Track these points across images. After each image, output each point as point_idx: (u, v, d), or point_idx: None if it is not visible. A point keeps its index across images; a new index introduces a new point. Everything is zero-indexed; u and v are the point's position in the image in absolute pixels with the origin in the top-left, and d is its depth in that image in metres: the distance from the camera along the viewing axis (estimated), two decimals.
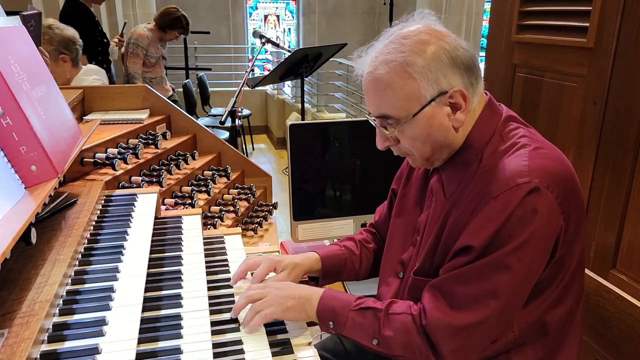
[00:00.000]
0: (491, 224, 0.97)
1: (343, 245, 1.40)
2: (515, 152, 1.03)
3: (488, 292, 0.99)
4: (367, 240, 1.44)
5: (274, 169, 6.02)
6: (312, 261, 1.34)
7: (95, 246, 1.20)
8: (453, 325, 1.00)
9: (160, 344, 0.97)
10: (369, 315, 1.08)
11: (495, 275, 0.98)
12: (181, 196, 1.94)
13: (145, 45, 4.44)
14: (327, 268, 1.35)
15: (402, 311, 1.08)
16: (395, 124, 1.06)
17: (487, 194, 1.00)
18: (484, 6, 7.37)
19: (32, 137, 1.08)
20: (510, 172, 0.99)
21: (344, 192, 1.90)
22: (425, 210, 1.18)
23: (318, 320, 1.12)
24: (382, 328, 1.06)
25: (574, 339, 1.14)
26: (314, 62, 3.84)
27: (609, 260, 1.77)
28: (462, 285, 1.01)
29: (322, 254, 1.35)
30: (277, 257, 1.36)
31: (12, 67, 1.11)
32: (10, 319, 0.84)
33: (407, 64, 1.01)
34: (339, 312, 1.10)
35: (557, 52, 1.97)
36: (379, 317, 1.07)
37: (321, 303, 1.12)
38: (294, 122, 1.77)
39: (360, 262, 1.39)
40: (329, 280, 1.38)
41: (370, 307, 1.10)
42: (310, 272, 1.35)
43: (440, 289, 1.04)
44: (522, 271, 0.98)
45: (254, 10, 9.09)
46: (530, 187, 0.95)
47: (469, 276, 1.00)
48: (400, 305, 1.10)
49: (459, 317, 1.00)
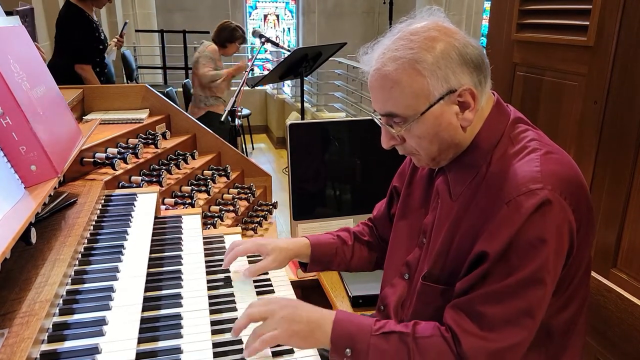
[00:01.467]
0: (505, 230, 0.94)
1: (336, 234, 1.40)
2: (526, 157, 1.00)
3: (522, 311, 0.94)
4: (362, 232, 1.43)
5: (273, 168, 6.02)
6: (301, 246, 1.33)
7: (95, 246, 1.20)
8: (489, 349, 0.94)
9: (160, 344, 0.97)
10: (394, 340, 0.98)
11: (527, 292, 0.93)
12: (181, 196, 1.94)
13: (216, 59, 4.54)
14: (317, 255, 1.34)
15: (431, 334, 0.98)
16: (402, 122, 1.03)
17: (499, 200, 0.97)
18: (484, 5, 7.38)
19: (31, 137, 1.08)
20: (522, 178, 0.96)
21: (344, 191, 1.90)
22: (431, 211, 1.16)
23: (332, 347, 1.00)
24: (413, 355, 0.96)
25: (577, 342, 1.12)
26: (314, 61, 3.84)
27: (610, 259, 1.77)
28: (492, 306, 0.95)
29: (312, 240, 1.35)
30: (262, 240, 1.34)
31: (11, 66, 1.11)
32: (10, 319, 0.84)
33: (416, 60, 0.98)
34: (357, 338, 0.99)
35: (557, 51, 1.97)
36: (407, 342, 0.98)
37: (336, 328, 1.00)
38: (293, 122, 1.77)
39: (352, 253, 1.39)
40: (317, 267, 1.38)
41: (394, 331, 0.99)
42: (298, 256, 1.34)
43: (469, 310, 0.97)
44: (551, 284, 0.96)
45: (254, 9, 9.09)
46: (544, 194, 0.93)
47: (500, 295, 0.94)
48: (427, 327, 1.00)
49: (495, 340, 0.94)
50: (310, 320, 1.01)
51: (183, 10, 8.32)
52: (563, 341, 1.09)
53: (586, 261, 1.06)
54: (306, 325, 1.00)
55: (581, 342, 1.14)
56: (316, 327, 1.01)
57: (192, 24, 8.00)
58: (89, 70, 3.67)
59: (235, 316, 1.14)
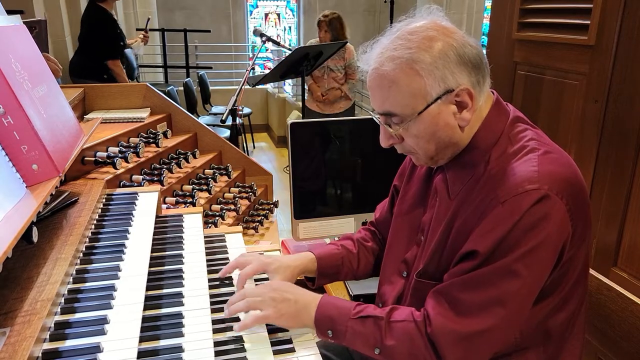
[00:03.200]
0: (498, 229, 0.95)
1: (340, 244, 1.38)
2: (524, 157, 1.01)
3: (495, 300, 0.96)
4: (366, 238, 1.42)
5: (274, 167, 6.02)
6: (307, 261, 1.31)
7: (97, 245, 1.20)
8: (459, 333, 0.97)
9: (161, 343, 0.97)
10: (370, 323, 1.05)
11: (502, 282, 0.95)
12: (182, 195, 1.94)
13: None
14: (324, 268, 1.32)
15: (404, 319, 1.04)
16: (400, 121, 1.04)
17: (495, 199, 0.97)
18: (484, 4, 7.36)
19: (33, 136, 1.08)
20: (519, 178, 0.97)
21: (345, 190, 1.90)
22: (429, 210, 1.17)
23: (315, 328, 1.09)
24: (384, 337, 1.03)
25: (577, 343, 1.12)
26: (315, 60, 3.84)
27: (610, 258, 1.77)
28: (468, 292, 0.98)
29: (317, 253, 1.32)
30: (267, 258, 1.29)
31: (12, 66, 1.11)
32: (12, 318, 0.84)
33: (413, 60, 0.99)
34: (337, 320, 1.06)
35: (558, 50, 1.97)
36: (380, 325, 1.04)
37: (319, 311, 1.08)
38: (294, 121, 1.77)
39: (358, 261, 1.37)
40: (325, 280, 1.36)
41: (370, 315, 1.06)
42: (305, 272, 1.32)
43: (445, 295, 1.01)
44: (529, 278, 0.96)
45: (255, 8, 9.09)
46: (540, 194, 0.93)
47: (476, 283, 0.97)
48: (402, 312, 1.06)
49: (465, 325, 0.97)
50: (298, 302, 1.09)
51: (184, 9, 8.31)
52: (561, 342, 1.09)
53: (582, 262, 1.06)
54: (294, 308, 1.08)
55: (580, 344, 1.13)
56: (302, 309, 1.09)
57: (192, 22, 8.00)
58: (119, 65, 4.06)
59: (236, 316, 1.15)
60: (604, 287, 1.27)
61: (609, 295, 1.25)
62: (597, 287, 1.28)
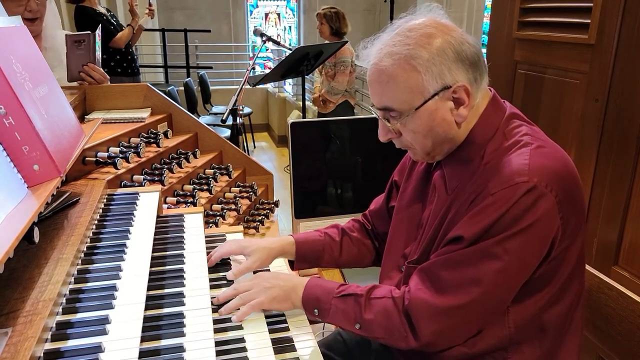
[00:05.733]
0: (485, 218, 0.98)
1: (324, 232, 1.41)
2: (517, 151, 1.02)
3: (471, 279, 1.00)
4: (352, 229, 1.44)
5: (275, 167, 6.03)
6: (285, 244, 1.35)
7: (98, 245, 1.20)
8: (434, 307, 1.02)
9: (163, 342, 0.97)
10: (351, 301, 1.11)
11: (480, 263, 0.99)
12: (183, 195, 1.94)
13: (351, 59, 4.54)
14: (303, 253, 1.36)
15: (383, 295, 1.10)
16: (398, 116, 1.06)
17: (485, 190, 1.00)
18: (485, 3, 7.36)
19: (34, 137, 1.08)
20: (510, 171, 0.99)
21: (345, 189, 1.91)
22: (428, 206, 1.19)
23: (303, 308, 1.15)
24: (364, 312, 1.09)
25: (574, 338, 1.13)
26: (315, 60, 3.83)
27: (611, 257, 1.77)
28: (448, 270, 1.03)
29: (297, 238, 1.37)
30: (244, 240, 1.38)
31: (13, 67, 1.11)
32: (13, 318, 0.84)
33: (411, 56, 1.01)
34: (322, 299, 1.13)
35: (559, 49, 1.97)
36: (360, 302, 1.10)
37: (306, 292, 1.15)
38: (295, 120, 1.77)
39: (340, 250, 1.40)
40: (305, 265, 1.40)
41: (352, 293, 1.12)
42: (282, 254, 1.36)
43: (427, 272, 1.06)
44: (509, 263, 0.98)
45: (255, 8, 9.09)
46: (528, 187, 0.95)
47: (456, 262, 1.02)
48: (382, 289, 1.12)
49: (441, 300, 1.02)
50: (287, 286, 1.17)
51: (184, 8, 8.32)
52: (559, 336, 1.10)
53: (577, 256, 1.07)
54: (283, 291, 1.16)
55: (578, 338, 1.15)
56: (291, 291, 1.16)
57: (193, 22, 8.01)
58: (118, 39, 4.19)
59: None
60: (604, 286, 1.27)
61: (609, 294, 1.26)
62: (598, 286, 1.28)
